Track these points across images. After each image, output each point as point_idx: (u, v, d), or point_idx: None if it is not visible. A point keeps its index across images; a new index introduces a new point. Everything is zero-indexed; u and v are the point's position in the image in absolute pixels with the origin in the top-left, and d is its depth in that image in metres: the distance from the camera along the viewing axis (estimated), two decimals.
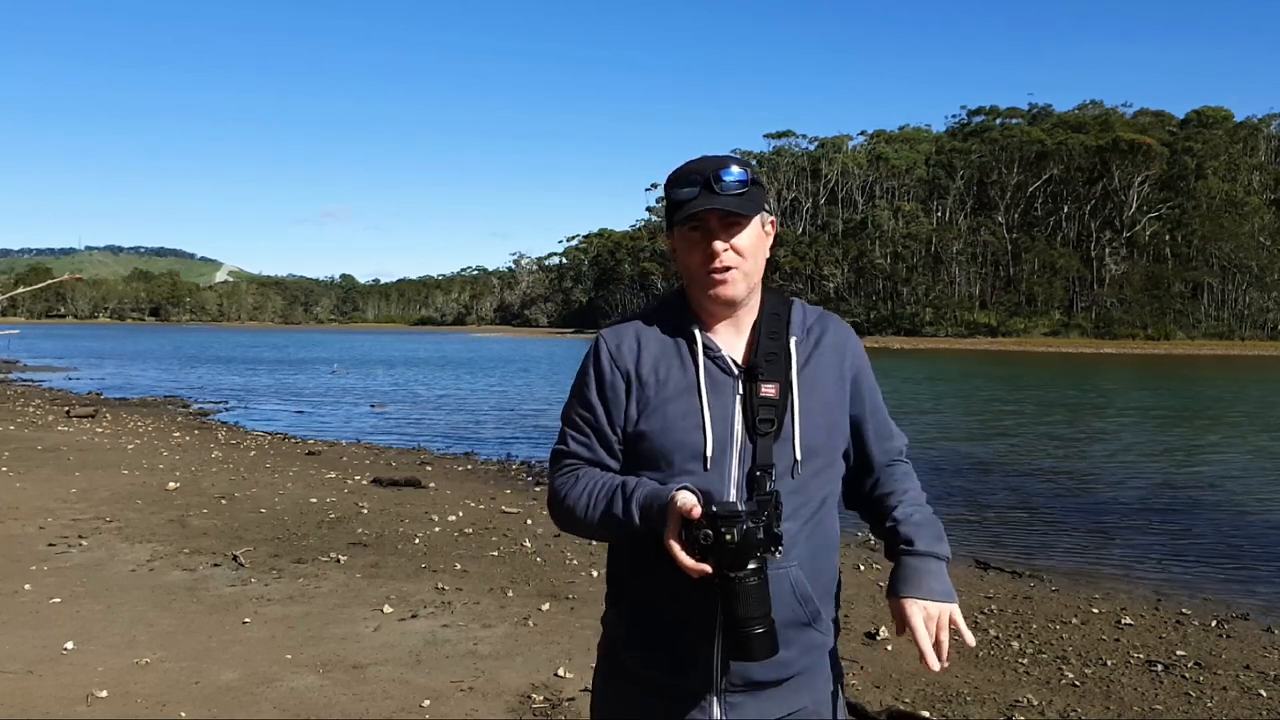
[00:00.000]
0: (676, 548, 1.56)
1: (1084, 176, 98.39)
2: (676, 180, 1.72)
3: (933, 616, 1.65)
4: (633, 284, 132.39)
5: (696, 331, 1.75)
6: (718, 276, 1.70)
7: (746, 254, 1.71)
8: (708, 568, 1.53)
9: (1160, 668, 5.05)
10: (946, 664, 1.62)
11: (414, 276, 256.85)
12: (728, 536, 1.49)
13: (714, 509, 1.52)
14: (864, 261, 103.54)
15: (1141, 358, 67.71)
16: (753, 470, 1.65)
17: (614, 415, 1.75)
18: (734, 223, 1.70)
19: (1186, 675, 4.94)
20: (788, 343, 1.74)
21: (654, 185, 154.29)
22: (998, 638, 5.53)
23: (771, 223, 1.80)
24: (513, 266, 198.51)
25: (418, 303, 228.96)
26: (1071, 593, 6.82)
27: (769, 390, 1.68)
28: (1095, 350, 77.82)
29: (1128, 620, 6.02)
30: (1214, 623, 6.05)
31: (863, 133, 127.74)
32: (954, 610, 1.67)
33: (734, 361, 1.73)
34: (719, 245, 1.68)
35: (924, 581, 1.67)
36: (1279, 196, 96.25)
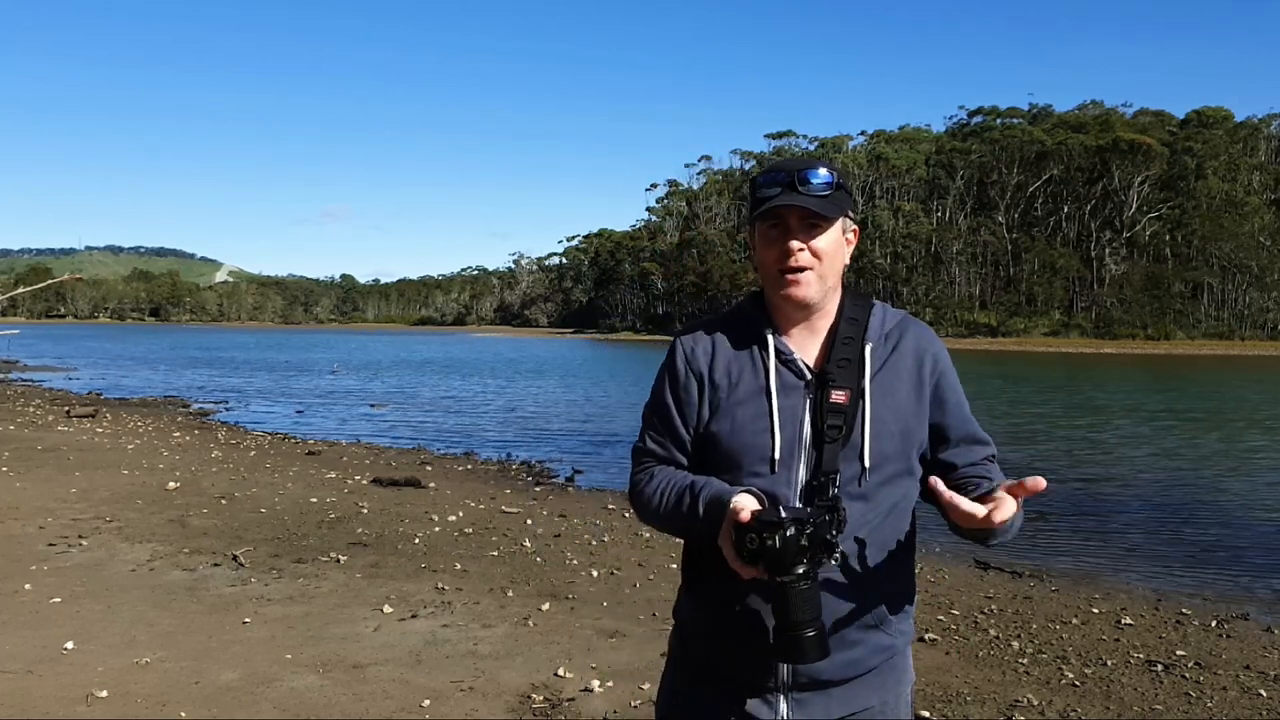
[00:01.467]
0: (727, 550, 1.59)
1: (1084, 176, 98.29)
2: (763, 176, 1.74)
3: (1013, 517, 1.56)
4: (633, 284, 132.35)
5: (769, 335, 1.76)
6: (791, 276, 1.70)
7: (824, 257, 1.71)
8: (755, 571, 1.55)
9: (1160, 668, 5.05)
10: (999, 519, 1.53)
11: (414, 276, 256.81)
12: (769, 542, 1.51)
13: (760, 515, 1.55)
14: (864, 261, 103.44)
15: (1142, 358, 67.67)
16: (816, 476, 1.66)
17: (687, 416, 1.79)
18: (814, 224, 1.70)
19: (1186, 675, 4.94)
20: (862, 349, 1.73)
21: (653, 185, 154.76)
22: (998, 638, 5.53)
23: (854, 231, 1.80)
24: (513, 266, 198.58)
25: (418, 303, 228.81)
26: (1071, 593, 6.82)
27: (839, 397, 1.68)
28: (1095, 350, 77.76)
29: (1128, 620, 6.02)
30: (1214, 623, 6.05)
31: (863, 133, 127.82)
32: (992, 525, 1.55)
33: (806, 366, 1.74)
34: (795, 244, 1.69)
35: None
36: (1279, 196, 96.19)
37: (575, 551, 7.35)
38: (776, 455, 1.68)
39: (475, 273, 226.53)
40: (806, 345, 1.77)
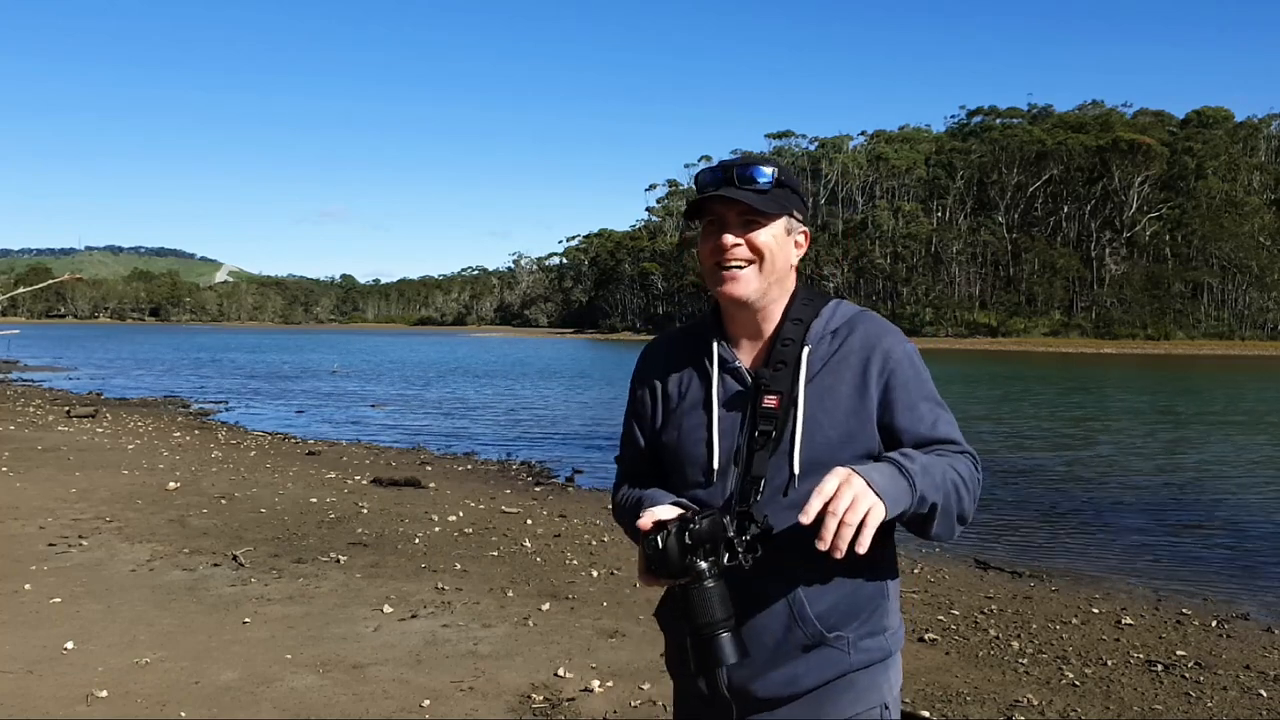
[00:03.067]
0: (639, 559, 1.58)
1: (1084, 176, 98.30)
2: (704, 173, 1.70)
3: (850, 489, 1.41)
4: (633, 284, 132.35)
5: (714, 344, 1.72)
6: (725, 272, 1.66)
7: (763, 253, 1.65)
8: (656, 580, 1.54)
9: (1160, 668, 5.04)
10: (839, 553, 1.41)
11: (414, 276, 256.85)
12: (655, 545, 1.50)
13: (659, 522, 1.54)
14: (864, 261, 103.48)
15: (1142, 358, 67.60)
16: (744, 484, 1.63)
17: (644, 427, 1.81)
18: (752, 220, 1.65)
19: (1186, 675, 4.94)
20: (800, 351, 1.65)
21: (653, 185, 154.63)
22: (998, 638, 5.53)
23: (804, 233, 1.72)
24: (512, 266, 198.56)
25: (418, 303, 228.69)
26: (1071, 593, 6.82)
27: (770, 402, 1.63)
28: (1095, 350, 77.71)
29: (1128, 620, 6.01)
30: (1214, 623, 6.04)
31: (863, 133, 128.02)
32: (875, 507, 1.41)
33: (748, 372, 1.70)
34: (729, 239, 1.65)
35: (869, 471, 1.46)
36: (1279, 196, 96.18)
37: (575, 551, 7.35)
38: (715, 466, 1.65)
39: (475, 273, 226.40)
40: (750, 350, 1.73)
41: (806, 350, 1.65)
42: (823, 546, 1.41)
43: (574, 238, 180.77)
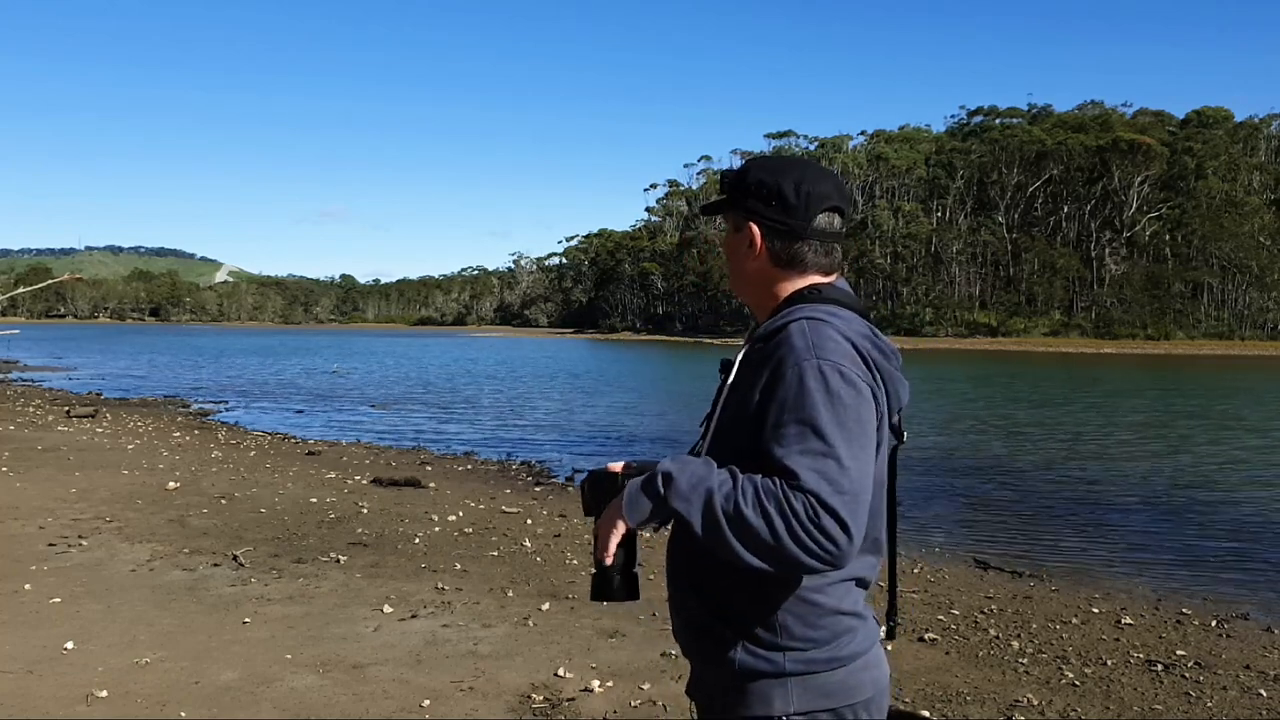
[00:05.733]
0: None
1: (1084, 176, 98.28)
2: None
3: (610, 509, 1.66)
4: (633, 284, 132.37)
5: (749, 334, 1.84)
6: None
7: (726, 254, 1.85)
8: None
9: (1160, 668, 5.05)
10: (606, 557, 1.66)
11: (414, 276, 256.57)
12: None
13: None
14: (864, 261, 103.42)
15: (1142, 357, 67.63)
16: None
17: None
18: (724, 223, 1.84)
19: (1186, 675, 4.94)
20: (739, 353, 1.73)
21: (653, 185, 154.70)
22: (998, 638, 5.53)
23: (749, 226, 1.74)
24: (512, 266, 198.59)
25: (418, 303, 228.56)
26: (1071, 593, 6.82)
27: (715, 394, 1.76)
28: (1095, 350, 77.73)
29: (1128, 620, 6.02)
30: (1214, 623, 6.05)
31: (863, 133, 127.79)
32: (618, 522, 1.63)
33: None
34: None
35: (632, 485, 1.62)
36: (1279, 196, 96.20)
37: (575, 551, 7.35)
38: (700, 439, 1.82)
39: (475, 273, 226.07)
40: None
41: (744, 351, 1.73)
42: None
43: (574, 238, 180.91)
